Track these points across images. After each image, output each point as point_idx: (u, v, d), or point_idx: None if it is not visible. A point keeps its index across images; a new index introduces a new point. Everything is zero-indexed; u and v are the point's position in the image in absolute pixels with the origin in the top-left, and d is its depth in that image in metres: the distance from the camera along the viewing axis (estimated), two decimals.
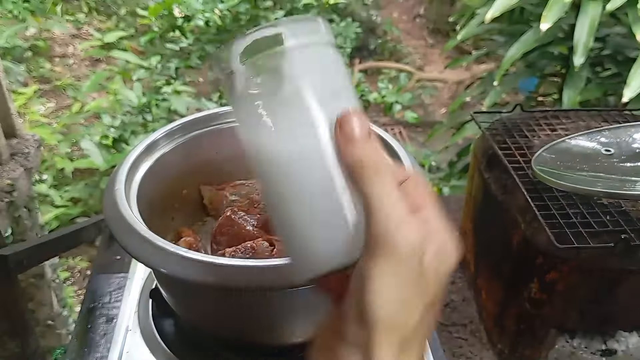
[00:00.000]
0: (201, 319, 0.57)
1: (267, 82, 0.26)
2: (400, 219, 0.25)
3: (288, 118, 0.26)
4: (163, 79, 1.90)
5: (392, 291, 0.25)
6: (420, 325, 0.26)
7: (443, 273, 0.27)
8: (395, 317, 0.25)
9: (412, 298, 0.25)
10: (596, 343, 0.69)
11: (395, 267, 0.25)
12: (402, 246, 0.25)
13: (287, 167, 0.26)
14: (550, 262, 0.64)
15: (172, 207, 0.69)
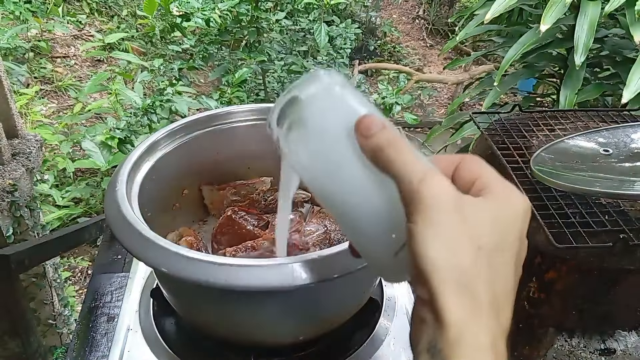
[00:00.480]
0: (202, 319, 0.58)
1: (296, 131, 0.33)
2: (422, 175, 0.27)
3: (317, 150, 0.32)
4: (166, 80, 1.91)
5: (431, 240, 0.26)
6: (481, 268, 0.26)
7: (494, 218, 0.27)
8: (443, 262, 0.26)
9: (455, 242, 0.26)
10: (595, 342, 0.70)
11: (429, 217, 0.26)
12: (429, 197, 0.26)
13: (333, 191, 0.32)
14: (549, 261, 0.64)
15: (173, 207, 0.69)
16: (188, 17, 1.97)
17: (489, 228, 0.27)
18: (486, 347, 0.25)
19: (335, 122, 0.32)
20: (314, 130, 0.32)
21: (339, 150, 0.31)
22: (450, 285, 0.26)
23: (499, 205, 0.28)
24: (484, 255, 0.26)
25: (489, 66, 3.58)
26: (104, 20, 3.31)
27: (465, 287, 0.26)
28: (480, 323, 0.25)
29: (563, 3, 1.23)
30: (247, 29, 2.17)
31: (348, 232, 0.34)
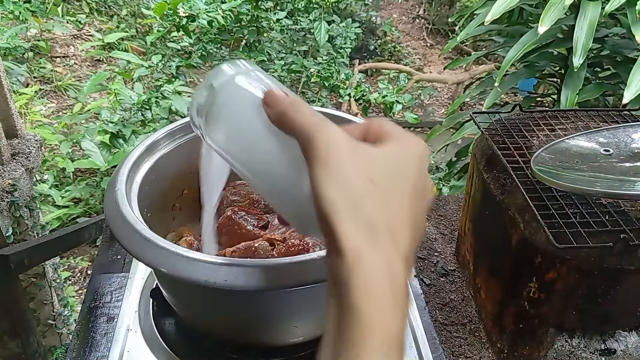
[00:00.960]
0: (201, 319, 0.58)
1: (214, 118, 0.38)
2: (318, 127, 0.30)
3: (233, 131, 0.38)
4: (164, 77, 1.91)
5: (325, 180, 0.28)
6: (373, 198, 0.28)
7: (386, 158, 0.30)
8: (337, 196, 0.28)
9: (347, 178, 0.28)
10: (595, 342, 0.70)
11: (322, 161, 0.29)
12: (322, 142, 0.29)
13: (252, 165, 0.37)
14: (549, 261, 0.64)
15: (172, 207, 0.69)
16: (194, 17, 1.98)
17: (381, 165, 0.30)
18: (381, 266, 0.27)
19: (244, 102, 0.36)
20: (228, 114, 0.37)
21: (251, 127, 0.35)
22: (344, 215, 0.28)
23: (393, 148, 0.31)
24: (376, 187, 0.28)
25: (490, 66, 3.58)
26: (103, 20, 3.31)
27: (358, 215, 0.28)
28: (375, 246, 0.27)
29: (562, 4, 1.23)
30: (247, 28, 2.17)
31: (272, 199, 0.38)
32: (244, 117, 0.36)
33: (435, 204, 1.12)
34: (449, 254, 0.97)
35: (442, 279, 0.91)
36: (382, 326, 0.26)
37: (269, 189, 0.37)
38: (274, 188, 0.36)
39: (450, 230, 1.04)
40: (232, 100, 0.37)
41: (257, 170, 0.37)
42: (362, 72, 3.56)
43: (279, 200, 0.37)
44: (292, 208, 0.36)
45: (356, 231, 0.27)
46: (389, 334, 0.26)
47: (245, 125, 0.36)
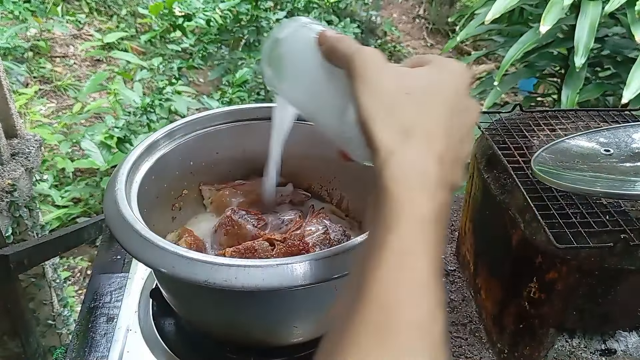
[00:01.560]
0: (201, 319, 0.58)
1: (279, 65, 0.43)
2: (357, 48, 0.34)
3: (295, 74, 0.43)
4: (165, 79, 1.91)
5: (362, 91, 0.32)
6: (408, 104, 0.31)
7: (424, 74, 0.33)
8: (373, 103, 0.31)
9: (382, 89, 0.31)
10: (595, 343, 0.69)
11: (360, 75, 0.32)
12: (360, 60, 0.33)
13: (311, 102, 0.42)
14: (550, 261, 0.64)
15: (172, 207, 0.69)
16: (190, 17, 1.98)
17: (417, 80, 0.32)
18: (412, 160, 0.30)
19: (303, 48, 0.40)
20: (291, 61, 0.42)
21: (309, 69, 0.40)
22: (379, 119, 0.30)
23: (430, 67, 0.33)
24: (410, 97, 0.31)
25: (490, 66, 3.58)
26: (103, 19, 3.31)
27: (392, 119, 0.30)
28: (407, 143, 0.30)
29: (562, 4, 1.23)
30: (247, 28, 2.17)
31: (330, 131, 0.42)
32: (303, 61, 0.41)
33: None
34: (449, 254, 0.97)
35: (442, 279, 0.91)
36: (410, 204, 0.28)
37: (326, 122, 0.41)
38: (330, 121, 0.40)
39: (450, 230, 1.04)
40: (293, 48, 0.42)
41: (315, 107, 0.42)
42: None
43: (335, 132, 0.41)
44: (345, 135, 0.39)
45: (389, 132, 0.30)
46: (418, 212, 0.28)
47: (305, 68, 0.41)
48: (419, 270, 0.28)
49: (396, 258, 0.28)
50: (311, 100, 0.42)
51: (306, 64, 0.40)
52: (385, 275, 0.27)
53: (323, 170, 0.75)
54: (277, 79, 0.44)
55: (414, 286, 0.28)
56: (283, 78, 0.43)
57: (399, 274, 0.27)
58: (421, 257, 0.28)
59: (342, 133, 0.39)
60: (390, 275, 0.27)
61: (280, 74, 0.43)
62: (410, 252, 0.28)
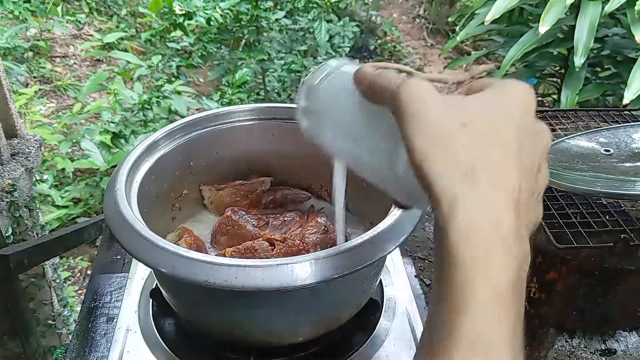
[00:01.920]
0: (201, 319, 0.58)
1: (316, 115, 0.40)
2: (401, 81, 0.29)
3: (333, 121, 0.39)
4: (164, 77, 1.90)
5: (413, 130, 0.27)
6: (467, 139, 0.26)
7: (483, 101, 0.28)
8: (426, 142, 0.26)
9: (435, 124, 0.26)
10: (595, 342, 0.69)
11: (408, 112, 0.27)
12: (405, 94, 0.28)
13: (357, 151, 0.37)
14: (550, 261, 0.64)
15: (172, 207, 0.69)
16: (190, 15, 1.98)
17: (475, 110, 0.27)
18: (481, 208, 0.24)
19: (341, 93, 0.37)
20: (328, 109, 0.39)
21: (350, 114, 0.37)
22: (435, 160, 0.25)
23: (490, 93, 0.28)
24: (470, 130, 0.26)
25: (490, 65, 3.58)
26: (103, 19, 3.31)
27: (450, 158, 0.25)
28: (472, 187, 0.25)
29: (562, 4, 1.23)
30: (247, 27, 2.17)
31: (381, 178, 0.37)
32: (342, 106, 0.38)
33: None
34: None
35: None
36: (485, 273, 0.23)
37: (375, 170, 0.37)
38: (379, 167, 0.36)
39: None
40: (329, 94, 0.39)
41: (362, 155, 0.37)
42: None
43: (387, 179, 0.36)
44: (396, 182, 0.35)
45: (450, 173, 0.25)
46: (495, 283, 0.23)
47: (345, 113, 0.37)
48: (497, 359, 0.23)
49: (470, 347, 0.23)
50: (356, 147, 0.37)
51: (346, 109, 0.37)
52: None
53: (323, 170, 0.75)
54: (316, 129, 0.40)
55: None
56: (323, 127, 0.39)
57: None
58: (500, 344, 0.23)
59: (395, 180, 0.35)
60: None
61: (319, 124, 0.40)
62: (487, 340, 0.23)
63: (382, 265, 0.60)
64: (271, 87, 2.46)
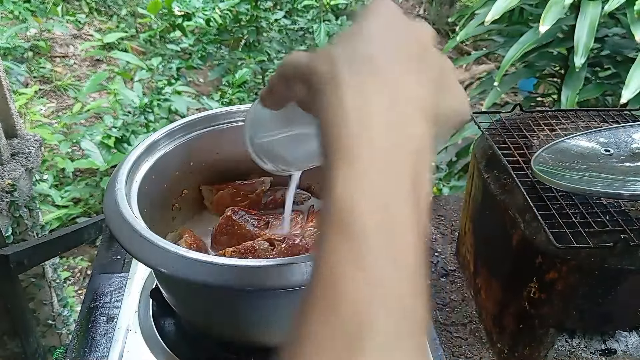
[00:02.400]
0: (201, 319, 0.58)
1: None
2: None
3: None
4: (164, 79, 1.91)
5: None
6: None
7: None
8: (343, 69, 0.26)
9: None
10: (595, 342, 0.69)
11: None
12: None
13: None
14: (550, 261, 0.64)
15: (172, 207, 0.69)
16: (189, 16, 1.98)
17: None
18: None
19: (256, 120, 0.45)
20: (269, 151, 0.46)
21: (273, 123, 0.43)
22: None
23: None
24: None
25: (490, 65, 3.58)
26: (103, 19, 3.31)
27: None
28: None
29: (562, 4, 1.23)
30: (247, 28, 2.17)
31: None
32: (268, 125, 0.44)
33: (436, 204, 1.12)
34: (449, 254, 0.97)
35: (442, 279, 0.91)
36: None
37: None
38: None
39: (450, 230, 1.04)
40: (257, 124, 0.45)
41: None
42: None
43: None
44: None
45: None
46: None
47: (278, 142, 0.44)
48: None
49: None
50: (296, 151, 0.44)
51: (271, 122, 0.43)
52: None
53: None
54: (269, 161, 0.47)
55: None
56: (272, 157, 0.46)
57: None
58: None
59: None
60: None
61: (268, 156, 0.46)
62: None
63: None
64: None
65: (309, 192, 0.77)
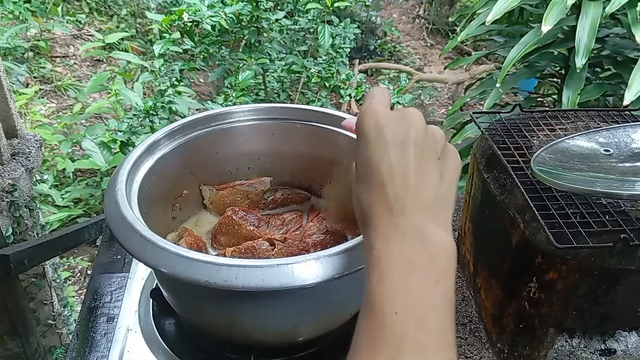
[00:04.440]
0: (201, 319, 0.58)
1: None
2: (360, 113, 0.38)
3: None
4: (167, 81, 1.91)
5: (358, 151, 0.37)
6: (402, 169, 0.34)
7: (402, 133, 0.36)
8: (370, 167, 0.35)
9: (380, 151, 0.35)
10: (595, 342, 0.69)
11: (358, 138, 0.37)
12: (358, 123, 0.37)
13: None
14: (549, 261, 0.64)
15: (172, 207, 0.69)
16: (198, 23, 1.98)
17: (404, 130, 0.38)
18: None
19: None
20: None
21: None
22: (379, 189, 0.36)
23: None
24: (404, 159, 0.36)
25: (490, 66, 3.58)
26: (103, 19, 3.31)
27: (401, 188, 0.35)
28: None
29: (565, 4, 1.23)
30: (248, 28, 2.17)
31: None
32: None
33: None
34: None
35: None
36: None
37: None
38: None
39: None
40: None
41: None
42: (362, 72, 3.56)
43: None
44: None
45: (378, 194, 0.35)
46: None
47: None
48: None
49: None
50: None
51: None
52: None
53: (323, 170, 0.75)
54: None
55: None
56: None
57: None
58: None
59: None
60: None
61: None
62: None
63: None
64: (271, 87, 2.46)
65: (309, 192, 0.77)
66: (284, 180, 0.77)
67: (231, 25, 2.09)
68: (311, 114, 0.70)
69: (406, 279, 0.31)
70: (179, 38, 2.07)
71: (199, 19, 1.93)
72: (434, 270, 0.31)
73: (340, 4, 2.28)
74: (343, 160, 0.70)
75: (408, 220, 0.33)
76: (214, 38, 2.17)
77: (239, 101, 2.01)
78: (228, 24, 2.03)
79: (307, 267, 0.44)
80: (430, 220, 0.33)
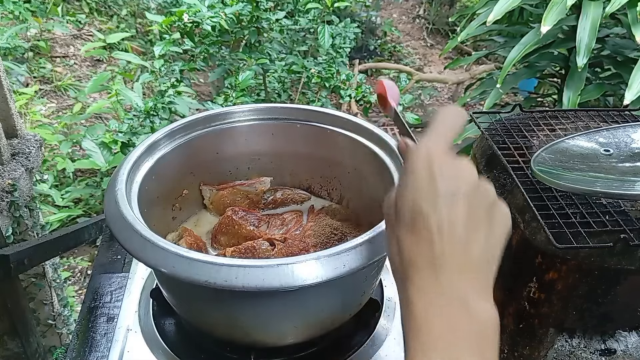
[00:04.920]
0: (201, 319, 0.58)
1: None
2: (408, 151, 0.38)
3: None
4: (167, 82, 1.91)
5: (404, 192, 0.36)
6: (447, 219, 0.33)
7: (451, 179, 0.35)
8: (420, 215, 0.34)
9: (423, 195, 0.35)
10: (595, 342, 0.69)
11: (406, 177, 0.36)
12: (410, 161, 0.37)
13: None
14: (549, 261, 0.64)
15: (172, 207, 0.69)
16: (198, 24, 1.98)
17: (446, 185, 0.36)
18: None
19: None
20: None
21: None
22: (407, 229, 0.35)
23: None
24: (449, 208, 0.35)
25: (490, 66, 3.58)
26: (103, 20, 3.31)
27: (443, 236, 0.34)
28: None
29: (564, 4, 1.23)
30: (248, 28, 2.16)
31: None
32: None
33: None
34: None
35: None
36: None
37: None
38: None
39: None
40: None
41: None
42: (362, 72, 3.56)
43: None
44: None
45: (409, 237, 0.35)
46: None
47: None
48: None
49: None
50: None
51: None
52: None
53: (323, 170, 0.75)
54: None
55: None
56: None
57: None
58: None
59: None
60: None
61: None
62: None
63: (382, 265, 0.60)
64: (271, 87, 2.46)
65: (309, 192, 0.77)
66: (284, 180, 0.77)
67: (231, 25, 2.09)
68: (311, 114, 0.70)
69: (450, 347, 0.30)
70: (179, 38, 2.07)
71: (199, 19, 1.93)
72: (481, 340, 0.31)
73: (340, 4, 2.28)
74: (343, 160, 0.70)
75: (451, 281, 0.32)
76: (214, 38, 2.17)
77: (239, 101, 2.01)
78: (228, 24, 2.03)
79: (307, 267, 0.44)
80: (474, 282, 0.33)
